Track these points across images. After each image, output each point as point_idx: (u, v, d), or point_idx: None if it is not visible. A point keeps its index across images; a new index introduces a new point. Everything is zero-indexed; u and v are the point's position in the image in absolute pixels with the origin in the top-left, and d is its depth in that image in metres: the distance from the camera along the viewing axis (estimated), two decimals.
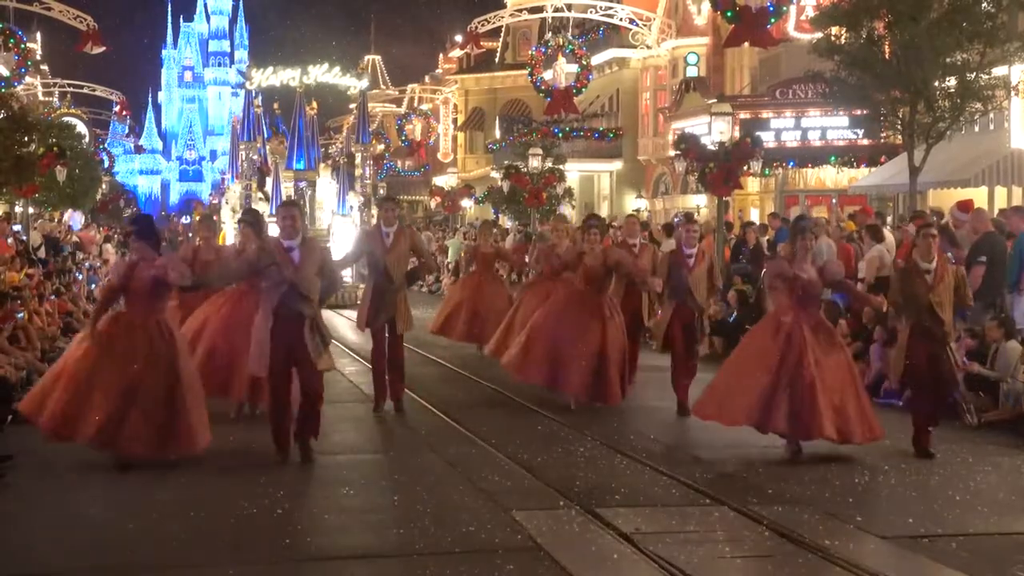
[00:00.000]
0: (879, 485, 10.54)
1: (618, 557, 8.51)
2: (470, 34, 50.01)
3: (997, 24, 23.51)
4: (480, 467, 11.13)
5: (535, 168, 39.90)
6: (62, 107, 58.40)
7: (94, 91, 63.44)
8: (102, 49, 43.08)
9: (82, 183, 46.86)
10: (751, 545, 8.73)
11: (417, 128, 67.14)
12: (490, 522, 9.29)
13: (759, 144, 30.53)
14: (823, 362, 11.51)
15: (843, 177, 34.46)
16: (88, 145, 55.60)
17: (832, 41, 25.04)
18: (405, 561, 8.31)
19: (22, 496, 10.07)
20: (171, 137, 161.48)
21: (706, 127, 33.15)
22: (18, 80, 40.61)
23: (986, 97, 23.80)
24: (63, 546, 8.52)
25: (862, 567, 8.10)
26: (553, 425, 13.62)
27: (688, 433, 13.14)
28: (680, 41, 45.11)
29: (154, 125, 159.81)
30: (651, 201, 47.04)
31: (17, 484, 10.35)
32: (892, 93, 24.27)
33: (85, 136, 56.20)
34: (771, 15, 30.90)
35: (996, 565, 8.36)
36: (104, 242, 40.13)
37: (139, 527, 8.92)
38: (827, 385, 11.41)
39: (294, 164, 34.18)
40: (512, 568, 8.11)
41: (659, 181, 47.53)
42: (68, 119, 53.71)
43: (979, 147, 26.69)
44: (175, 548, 8.39)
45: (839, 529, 9.14)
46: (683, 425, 13.76)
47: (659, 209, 44.78)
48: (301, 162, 34.28)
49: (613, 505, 9.85)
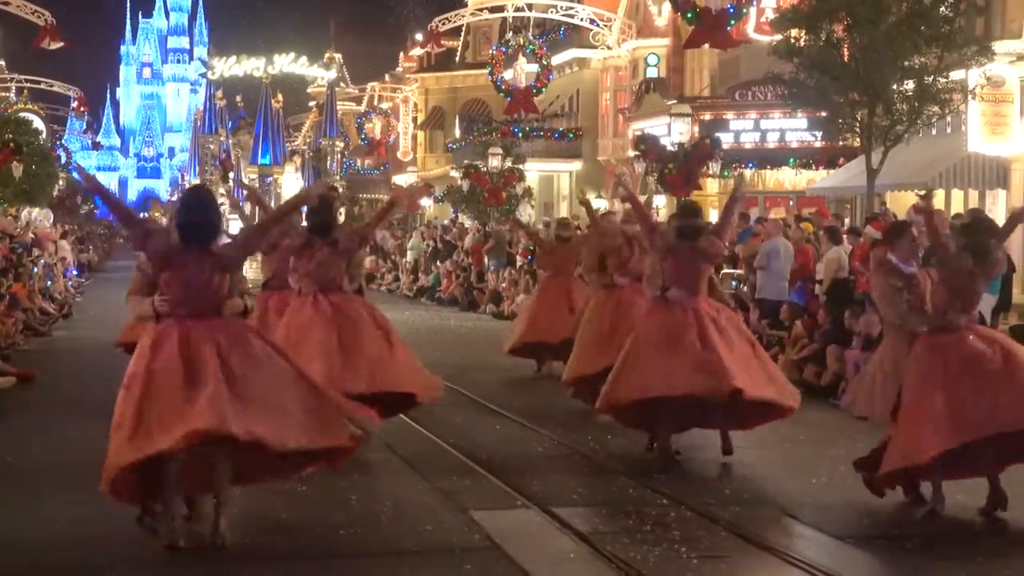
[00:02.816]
0: (835, 487, 10.59)
1: (575, 556, 8.52)
2: (431, 33, 50.04)
3: (954, 28, 23.70)
4: (438, 467, 11.12)
5: (495, 168, 39.92)
6: (19, 102, 57.97)
7: (52, 87, 63.07)
8: (60, 44, 42.89)
9: (39, 179, 46.59)
10: (707, 545, 8.75)
11: (377, 126, 66.93)
12: (448, 522, 9.28)
13: (718, 145, 30.72)
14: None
15: (801, 179, 34.61)
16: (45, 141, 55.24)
17: (792, 44, 25.13)
18: (362, 561, 8.31)
19: None
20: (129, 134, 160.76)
21: (666, 128, 33.34)
22: None
23: (943, 101, 23.96)
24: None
25: (818, 567, 8.13)
26: (511, 425, 13.63)
27: (646, 435, 13.16)
28: (640, 42, 45.16)
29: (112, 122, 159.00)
30: (610, 202, 47.09)
31: None
32: (851, 96, 24.40)
33: (42, 132, 55.78)
34: (731, 17, 31.16)
35: (948, 565, 8.44)
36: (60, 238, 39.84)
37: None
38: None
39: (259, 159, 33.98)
40: (470, 568, 8.11)
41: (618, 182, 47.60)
42: (25, 115, 53.35)
43: (936, 150, 26.86)
44: (120, 547, 8.34)
45: (795, 529, 9.19)
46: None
47: (618, 209, 44.79)
48: (267, 157, 34.16)
49: (571, 505, 9.86)
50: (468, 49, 61.72)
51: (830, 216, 24.22)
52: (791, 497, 10.26)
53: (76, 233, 52.94)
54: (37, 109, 59.60)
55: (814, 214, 25.24)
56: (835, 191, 30.44)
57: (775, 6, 33.78)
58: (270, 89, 31.48)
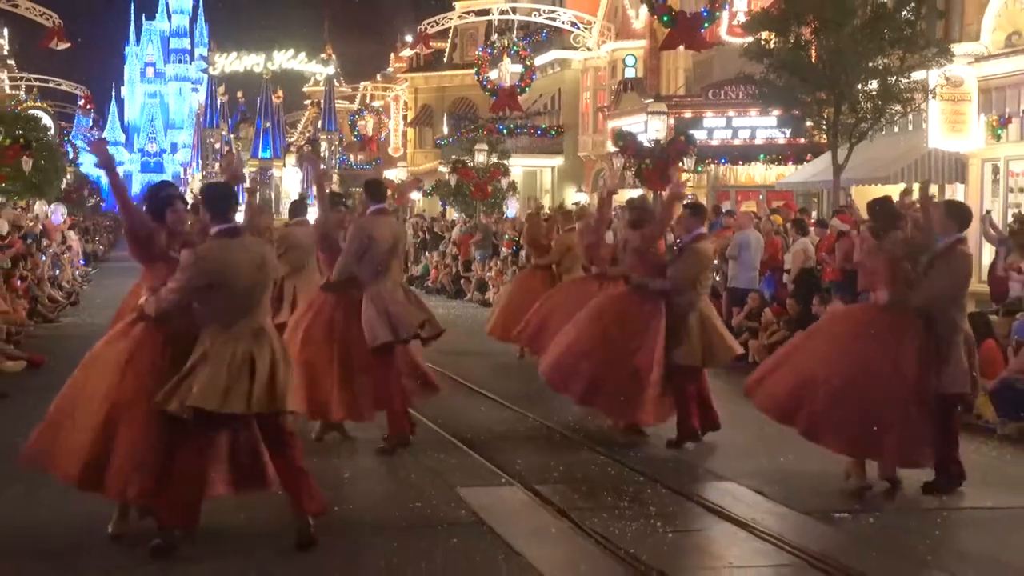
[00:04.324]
0: (802, 465, 10.61)
1: (556, 531, 8.54)
2: (420, 35, 50.08)
3: (916, 31, 23.72)
4: (426, 446, 11.13)
5: (481, 163, 39.86)
6: (28, 100, 57.78)
7: (59, 85, 62.84)
8: (66, 45, 42.69)
9: (47, 173, 46.39)
10: (681, 520, 8.78)
11: (369, 124, 66.81)
12: (436, 498, 9.30)
13: (693, 142, 30.69)
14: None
15: (771, 174, 34.59)
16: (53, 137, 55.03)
17: (762, 45, 25.10)
18: (355, 535, 8.32)
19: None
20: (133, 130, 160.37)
21: (643, 125, 33.26)
22: None
23: (905, 100, 23.98)
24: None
25: (784, 540, 8.17)
26: (496, 407, 13.64)
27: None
28: (619, 44, 45.12)
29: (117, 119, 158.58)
30: (590, 195, 47.07)
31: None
32: (818, 95, 24.38)
33: (51, 128, 55.60)
34: (705, 20, 31.16)
35: (903, 538, 8.50)
36: (68, 229, 39.75)
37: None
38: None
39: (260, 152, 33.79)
40: (456, 542, 8.12)
41: (598, 176, 47.56)
42: (34, 112, 53.15)
43: (899, 147, 26.89)
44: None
45: (764, 505, 9.21)
46: None
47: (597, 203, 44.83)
48: (267, 150, 33.98)
49: (552, 482, 9.88)
50: (455, 50, 61.64)
51: (795, 210, 24.26)
52: (760, 475, 10.29)
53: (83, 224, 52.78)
54: (45, 107, 59.41)
55: (782, 207, 25.27)
56: (803, 186, 30.44)
57: (746, 9, 33.72)
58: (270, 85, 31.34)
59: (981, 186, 26.23)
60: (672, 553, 7.93)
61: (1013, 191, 25.45)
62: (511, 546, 8.05)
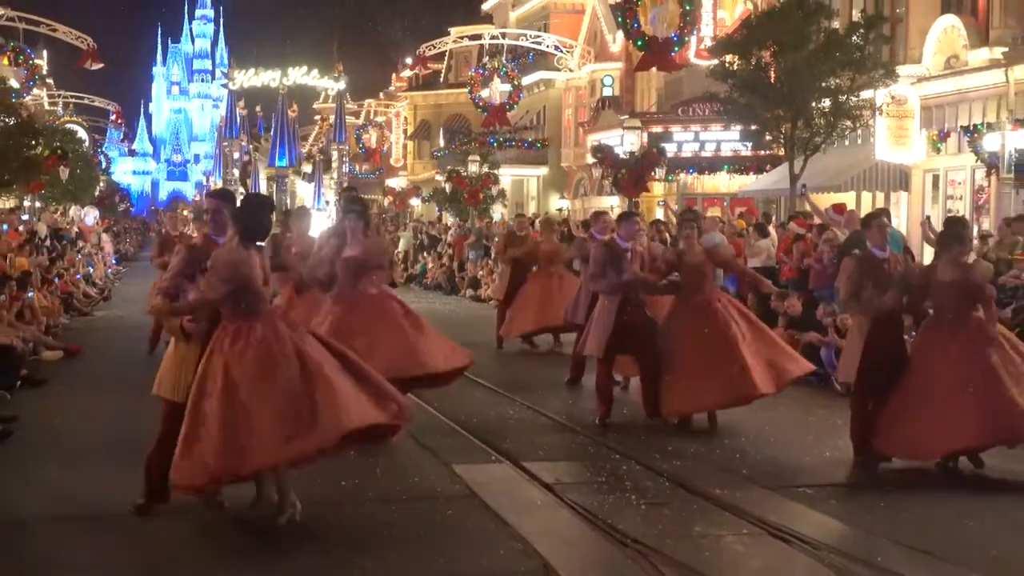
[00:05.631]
0: (763, 444, 10.61)
1: (541, 503, 8.54)
2: (419, 57, 50.30)
3: (865, 55, 23.80)
4: (425, 427, 11.09)
5: (473, 172, 39.82)
6: (65, 115, 57.59)
7: (93, 102, 62.61)
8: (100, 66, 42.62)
9: (82, 181, 46.36)
10: (654, 494, 8.77)
11: (373, 137, 66.72)
12: (432, 474, 9.31)
13: (664, 154, 30.72)
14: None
15: (734, 183, 34.62)
16: (87, 148, 54.91)
17: (727, 67, 25.16)
18: (359, 506, 8.32)
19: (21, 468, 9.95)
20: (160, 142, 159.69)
21: (619, 139, 33.25)
22: (27, 92, 40.17)
23: (855, 116, 24.05)
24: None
25: (748, 512, 8.15)
26: (488, 393, 13.61)
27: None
28: (598, 65, 45.14)
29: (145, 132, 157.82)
30: (572, 202, 47.08)
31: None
32: (776, 112, 24.44)
33: (85, 141, 55.45)
34: (675, 44, 31.16)
35: (861, 510, 8.46)
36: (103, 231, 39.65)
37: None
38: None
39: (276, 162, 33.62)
40: (451, 513, 8.12)
41: (579, 184, 47.56)
42: (70, 126, 53.05)
43: (849, 158, 26.96)
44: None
45: (729, 480, 9.19)
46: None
47: (578, 208, 44.78)
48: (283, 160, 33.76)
49: (537, 460, 9.86)
50: (451, 71, 61.62)
51: (757, 215, 24.31)
52: (725, 453, 10.28)
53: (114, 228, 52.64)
54: (81, 121, 59.21)
55: (745, 213, 25.28)
56: (763, 193, 30.48)
57: (712, 35, 33.77)
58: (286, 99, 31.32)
59: (923, 194, 26.35)
60: (644, 523, 7.91)
61: (952, 198, 25.54)
62: (501, 517, 8.04)
